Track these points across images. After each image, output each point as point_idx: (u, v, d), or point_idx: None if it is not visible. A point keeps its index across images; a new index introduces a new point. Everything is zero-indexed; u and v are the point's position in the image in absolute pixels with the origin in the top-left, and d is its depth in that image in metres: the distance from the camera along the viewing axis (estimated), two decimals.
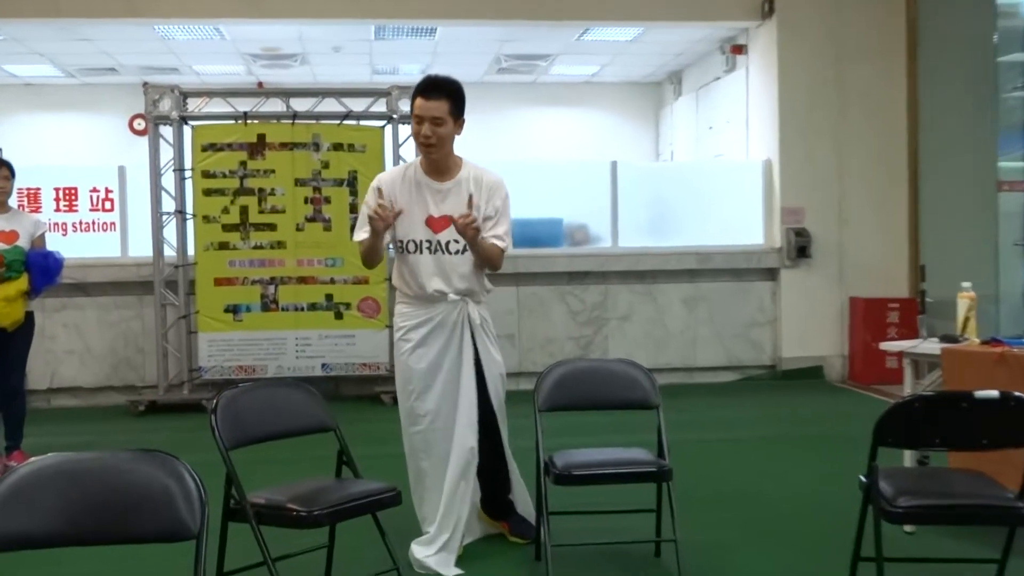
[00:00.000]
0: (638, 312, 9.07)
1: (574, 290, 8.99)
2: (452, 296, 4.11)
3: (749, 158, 9.83)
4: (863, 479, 3.32)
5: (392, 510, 3.51)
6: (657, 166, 12.11)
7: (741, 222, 9.46)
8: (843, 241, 9.22)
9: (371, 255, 4.12)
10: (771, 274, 9.27)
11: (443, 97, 4.06)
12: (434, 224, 4.11)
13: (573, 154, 12.77)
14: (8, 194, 6.08)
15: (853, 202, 9.22)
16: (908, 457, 4.64)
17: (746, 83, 10.03)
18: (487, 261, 4.10)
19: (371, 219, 3.96)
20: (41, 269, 5.98)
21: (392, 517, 3.60)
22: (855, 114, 9.21)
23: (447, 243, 4.10)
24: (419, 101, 4.06)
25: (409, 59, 11.76)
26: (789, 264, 9.15)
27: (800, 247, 9.08)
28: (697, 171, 10.20)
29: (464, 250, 4.08)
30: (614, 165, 9.13)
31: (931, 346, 4.58)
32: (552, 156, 12.56)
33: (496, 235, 4.10)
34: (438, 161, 4.13)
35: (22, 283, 5.87)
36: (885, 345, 5.09)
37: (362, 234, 4.10)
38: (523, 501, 4.38)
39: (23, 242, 5.99)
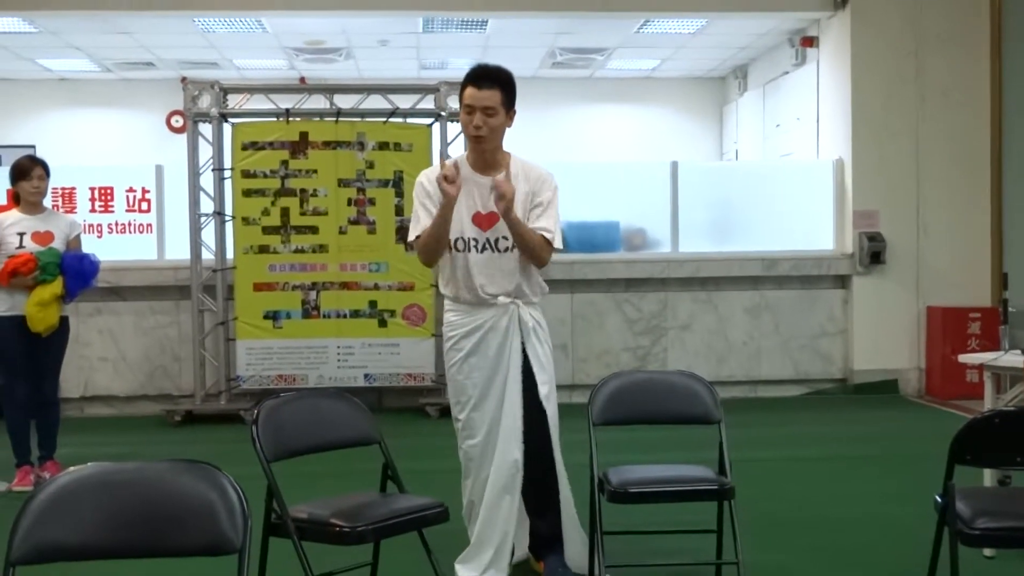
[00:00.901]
0: (699, 321, 9.04)
1: (631, 298, 9.00)
2: (503, 298, 4.09)
3: (819, 158, 9.77)
4: (939, 499, 3.30)
5: (439, 527, 3.55)
6: (720, 166, 12.07)
7: (810, 226, 9.40)
8: (920, 246, 9.12)
9: (437, 244, 4.06)
10: (842, 281, 9.19)
11: (495, 86, 4.04)
12: (482, 221, 4.10)
13: (631, 154, 12.76)
14: (43, 194, 6.21)
15: (931, 205, 9.12)
16: (988, 476, 4.59)
17: (816, 78, 9.97)
18: (532, 252, 4.02)
19: (442, 185, 3.94)
20: (76, 272, 6.09)
21: (439, 534, 3.65)
22: (934, 111, 9.11)
23: (496, 240, 4.08)
24: (470, 90, 4.04)
25: (458, 53, 11.85)
26: (862, 271, 9.07)
27: (874, 253, 9.00)
28: (763, 171, 10.15)
29: (513, 247, 4.05)
30: (675, 165, 9.13)
31: (1014, 358, 4.53)
32: (609, 156, 12.57)
33: (542, 227, 4.04)
34: (487, 154, 4.12)
35: (56, 287, 5.98)
36: (965, 357, 5.04)
37: (419, 228, 4.10)
38: (574, 540, 4.18)
39: (58, 243, 6.12)
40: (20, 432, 6.10)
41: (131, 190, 8.72)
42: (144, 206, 8.73)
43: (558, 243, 4.09)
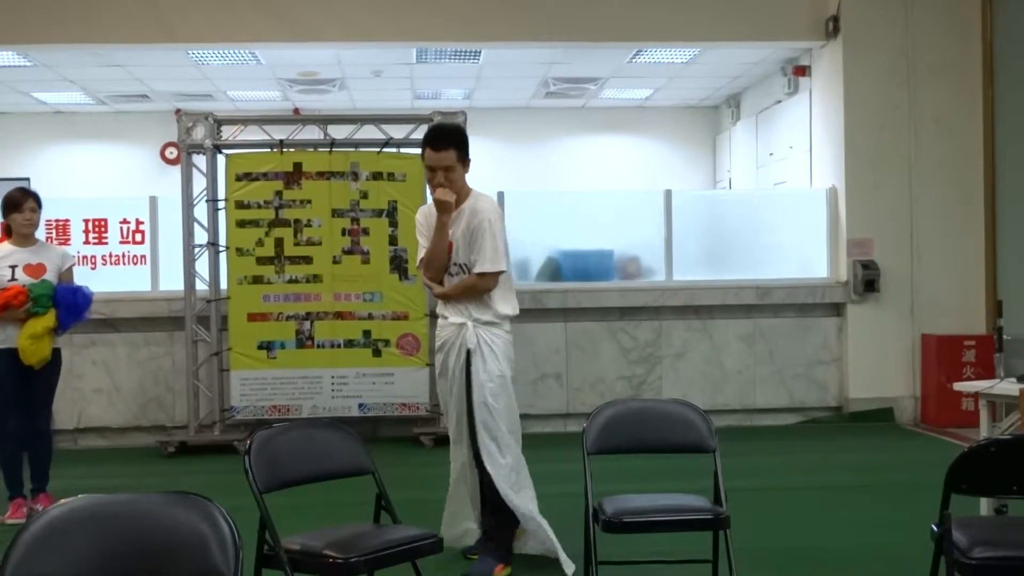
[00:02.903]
0: (693, 350, 9.04)
1: (626, 326, 9.00)
2: (455, 318, 4.68)
3: (813, 186, 9.80)
4: (935, 528, 3.30)
5: (433, 558, 3.54)
6: (714, 195, 12.10)
7: (804, 254, 9.42)
8: (914, 274, 9.14)
9: (439, 255, 4.65)
10: (836, 309, 9.21)
11: (450, 147, 4.64)
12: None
13: (625, 182, 12.80)
14: (35, 226, 6.22)
15: (925, 233, 9.15)
16: (984, 505, 4.58)
17: (809, 107, 10.03)
18: (465, 285, 4.65)
19: (440, 197, 4.53)
20: (69, 305, 6.09)
21: (433, 565, 3.63)
22: (927, 139, 9.15)
23: (448, 267, 4.72)
24: (428, 152, 4.65)
25: (452, 83, 11.92)
26: (856, 299, 9.09)
27: (868, 281, 9.02)
28: (757, 200, 10.17)
29: (460, 271, 4.71)
30: (668, 194, 9.16)
31: (1009, 386, 4.54)
32: (603, 184, 12.61)
33: (474, 258, 4.63)
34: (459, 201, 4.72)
35: (49, 319, 5.98)
36: (960, 386, 5.04)
37: (422, 253, 4.67)
38: (535, 531, 4.73)
39: (51, 276, 6.12)
40: (12, 465, 6.08)
41: (125, 222, 8.72)
42: (138, 237, 8.74)
43: (492, 267, 4.58)
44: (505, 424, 4.67)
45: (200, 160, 8.51)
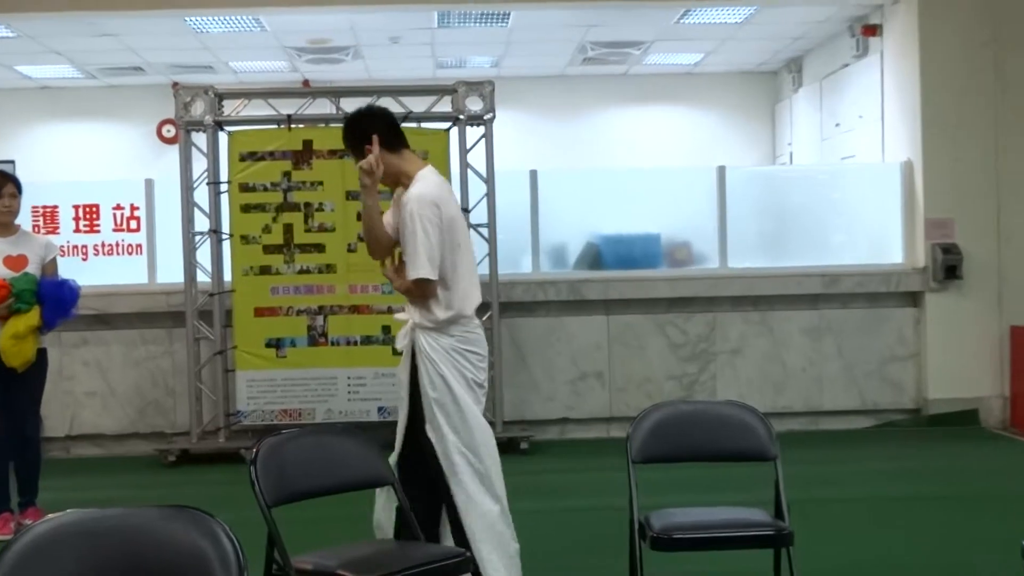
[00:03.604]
0: (752, 345, 8.99)
1: (675, 319, 8.96)
2: (401, 316, 4.73)
3: (885, 160, 9.71)
4: None
5: None
6: (773, 171, 12.03)
7: (876, 237, 9.34)
8: (1002, 258, 9.03)
9: (368, 238, 4.77)
10: (913, 299, 9.12)
11: (343, 139, 4.79)
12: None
13: (673, 159, 12.74)
14: (15, 214, 6.25)
15: (1013, 211, 9.04)
16: None
17: (881, 71, 9.94)
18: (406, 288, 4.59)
19: (361, 166, 4.55)
20: (54, 300, 6.10)
21: None
22: (1015, 106, 9.04)
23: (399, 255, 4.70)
24: None
25: (478, 50, 11.91)
26: (935, 287, 9.00)
27: (949, 266, 8.93)
28: (822, 177, 10.10)
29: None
30: (721, 171, 9.10)
31: None
32: (648, 161, 12.56)
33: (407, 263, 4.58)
34: (392, 186, 4.79)
35: (33, 317, 5.99)
36: None
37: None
38: (489, 560, 4.40)
39: (33, 268, 6.14)
40: (3, 473, 6.14)
41: (119, 207, 8.78)
42: (133, 225, 8.79)
43: (414, 273, 4.45)
44: (461, 446, 4.51)
45: (200, 139, 8.55)
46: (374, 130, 4.60)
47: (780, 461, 4.02)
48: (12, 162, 13.58)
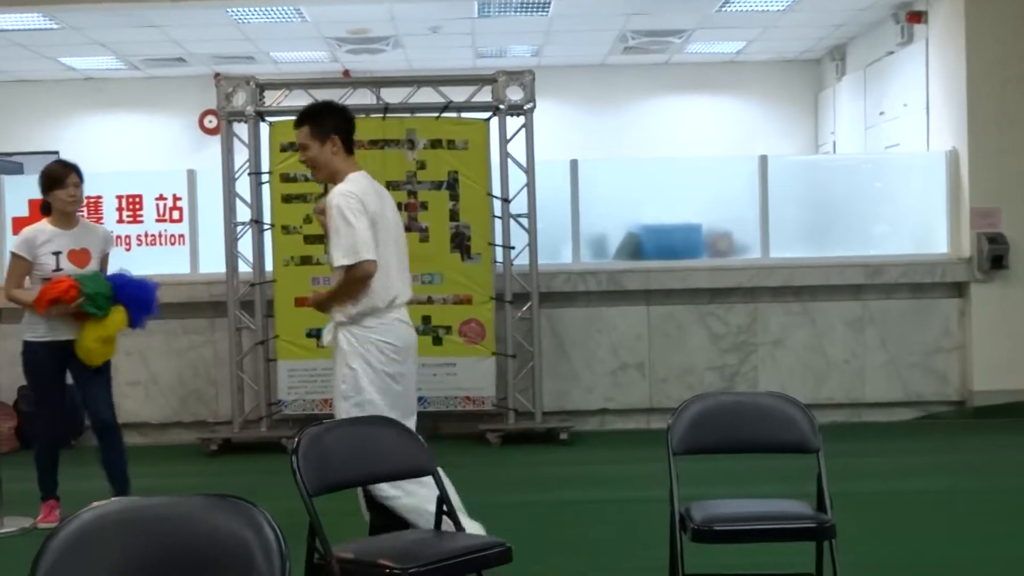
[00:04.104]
0: (793, 336, 8.94)
1: (716, 310, 8.92)
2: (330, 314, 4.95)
3: (930, 149, 9.61)
4: None
5: (501, 569, 3.54)
6: (816, 160, 11.94)
7: (920, 227, 9.25)
8: None
9: None
10: (958, 289, 9.02)
11: (303, 123, 5.00)
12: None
13: (714, 148, 12.68)
14: (80, 203, 6.17)
15: None
16: None
17: (926, 58, 9.83)
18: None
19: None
20: (140, 302, 6.07)
21: None
22: None
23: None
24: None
25: (518, 39, 11.90)
26: (981, 277, 8.90)
27: (995, 256, 8.82)
28: (865, 166, 10.02)
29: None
30: (763, 160, 9.04)
31: None
32: (689, 151, 12.51)
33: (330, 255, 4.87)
34: (327, 182, 5.13)
35: (121, 321, 5.97)
36: None
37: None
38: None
39: (94, 263, 6.07)
40: (48, 464, 6.17)
41: (161, 198, 8.85)
42: (175, 215, 8.86)
43: (339, 261, 4.77)
44: None
45: (242, 129, 8.59)
46: (340, 128, 4.99)
47: (822, 453, 4.00)
48: (56, 153, 13.72)
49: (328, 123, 4.99)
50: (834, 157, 12.17)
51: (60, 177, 6.01)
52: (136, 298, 6.06)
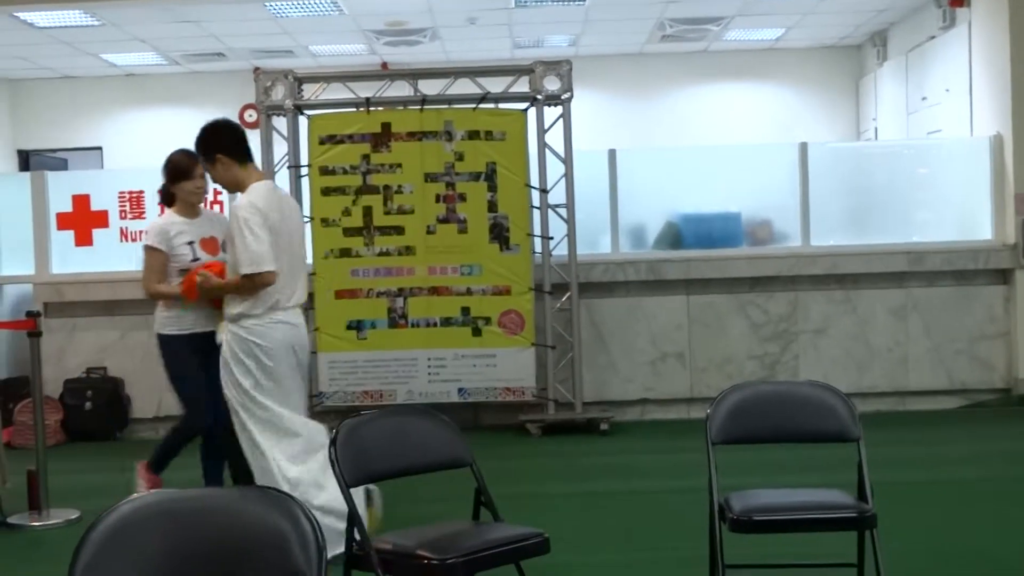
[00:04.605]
0: (835, 325, 8.87)
1: (756, 299, 8.87)
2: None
3: (973, 135, 9.50)
4: None
5: (538, 559, 3.55)
6: (857, 147, 11.84)
7: (964, 213, 9.15)
8: None
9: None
10: (1003, 276, 8.92)
11: (199, 152, 5.49)
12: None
13: (753, 136, 12.60)
14: (205, 194, 6.13)
15: None
16: None
17: (968, 42, 9.71)
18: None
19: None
20: None
21: (538, 567, 3.64)
22: None
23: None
24: None
25: (556, 29, 11.87)
26: None
27: None
28: (908, 152, 9.92)
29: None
30: (803, 147, 8.97)
31: None
32: (728, 139, 12.43)
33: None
34: (234, 192, 5.48)
35: None
36: None
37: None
38: None
39: (223, 253, 5.78)
40: (176, 450, 5.97)
41: None
42: (216, 209, 8.91)
43: (244, 269, 5.09)
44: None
45: (280, 123, 8.64)
46: (220, 145, 5.38)
47: (863, 442, 3.96)
48: (100, 149, 13.92)
49: (209, 146, 5.43)
50: (875, 144, 12.07)
51: (187, 168, 5.91)
52: None
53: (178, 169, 5.94)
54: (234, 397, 5.21)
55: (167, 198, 6.04)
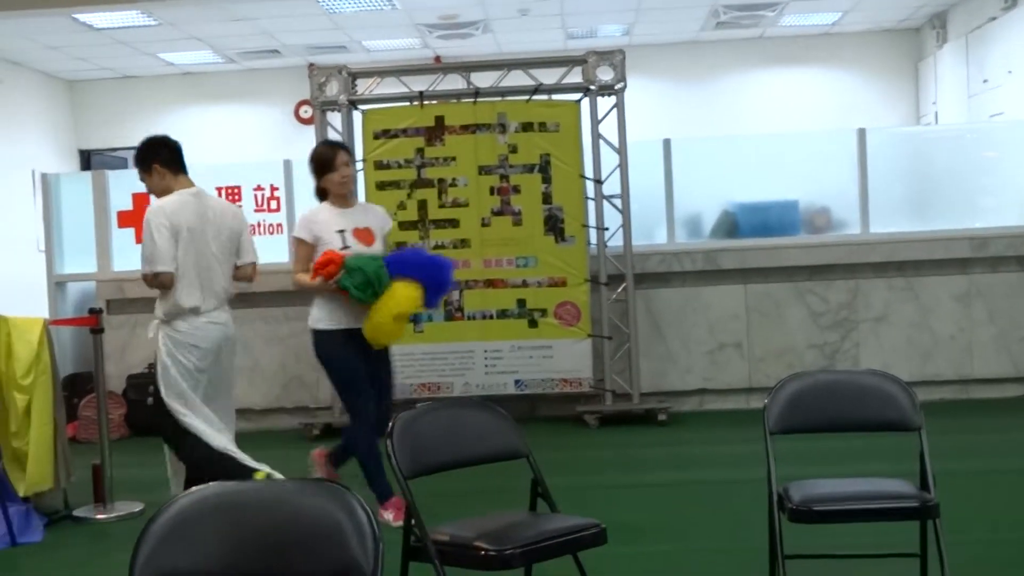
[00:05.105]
0: (896, 312, 8.75)
1: (815, 287, 8.78)
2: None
3: None
4: None
5: (596, 550, 3.54)
6: (917, 131, 11.67)
7: None
8: None
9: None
10: None
11: (136, 165, 5.92)
12: None
13: (810, 122, 12.47)
14: (353, 182, 5.95)
15: None
16: None
17: None
18: None
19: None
20: (433, 281, 5.68)
21: (595, 558, 3.63)
22: None
23: None
24: None
25: (609, 18, 11.82)
26: None
27: None
28: (969, 136, 9.77)
29: None
30: (862, 133, 8.86)
31: None
32: (784, 126, 12.31)
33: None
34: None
35: (416, 299, 5.56)
36: None
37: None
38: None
39: (378, 243, 5.76)
40: (374, 468, 5.60)
41: (259, 188, 8.98)
42: (273, 205, 9.00)
43: (142, 268, 5.67)
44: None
45: (335, 118, 8.69)
46: (157, 156, 5.80)
47: (924, 431, 3.91)
48: None
49: (146, 157, 5.83)
50: (936, 128, 11.90)
51: (328, 160, 5.78)
52: (431, 275, 5.67)
53: (320, 162, 5.83)
54: (170, 390, 5.69)
55: (321, 194, 5.88)
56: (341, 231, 5.68)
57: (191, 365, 5.69)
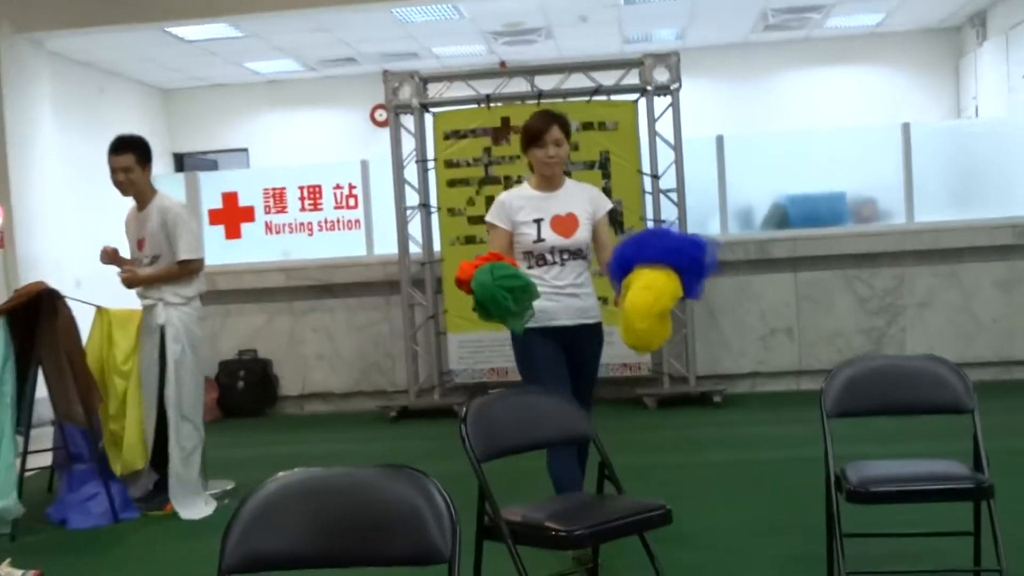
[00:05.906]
0: (940, 298, 8.52)
1: (862, 274, 8.58)
2: (147, 301, 5.88)
3: None
4: None
5: (661, 530, 3.44)
6: (959, 125, 11.38)
7: None
8: None
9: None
10: None
11: (128, 151, 5.78)
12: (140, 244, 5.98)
13: (857, 118, 12.22)
14: (561, 161, 4.69)
15: None
16: None
17: None
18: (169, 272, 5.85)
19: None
20: (692, 266, 4.48)
21: (661, 538, 3.54)
22: None
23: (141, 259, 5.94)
24: (109, 156, 5.79)
25: (663, 23, 11.67)
26: None
27: None
28: (1009, 129, 9.48)
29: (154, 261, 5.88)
30: (906, 127, 8.64)
31: None
32: (831, 122, 12.08)
33: (175, 250, 5.82)
34: (135, 198, 5.94)
35: (675, 289, 4.40)
36: None
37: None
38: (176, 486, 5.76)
39: (584, 230, 4.64)
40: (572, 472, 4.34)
41: (338, 187, 8.99)
42: (351, 202, 8.98)
43: (185, 255, 5.75)
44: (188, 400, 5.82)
45: (408, 120, 8.65)
46: (151, 158, 5.92)
47: (978, 413, 3.75)
48: (246, 150, 14.19)
49: (148, 153, 5.89)
50: (977, 122, 11.60)
51: (538, 132, 4.60)
52: (688, 258, 4.44)
53: (528, 134, 4.65)
54: (186, 365, 5.83)
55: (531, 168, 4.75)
56: (538, 220, 4.60)
57: (200, 339, 6.06)
